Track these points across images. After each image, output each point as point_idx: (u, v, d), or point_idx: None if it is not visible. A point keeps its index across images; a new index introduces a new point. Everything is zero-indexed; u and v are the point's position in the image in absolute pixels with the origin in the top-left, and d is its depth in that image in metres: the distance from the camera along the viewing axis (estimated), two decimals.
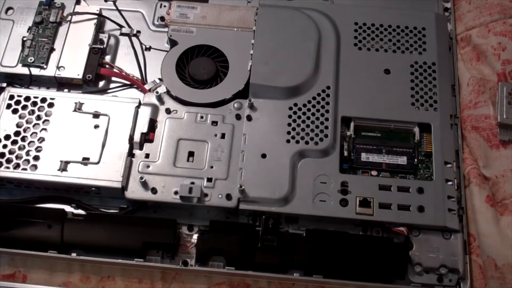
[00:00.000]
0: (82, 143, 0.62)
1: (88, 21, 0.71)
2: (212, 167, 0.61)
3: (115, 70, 0.70)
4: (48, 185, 0.61)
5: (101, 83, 0.70)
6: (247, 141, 0.62)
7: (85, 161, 0.61)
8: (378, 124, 0.64)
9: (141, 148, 0.62)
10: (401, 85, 0.65)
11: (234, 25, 0.70)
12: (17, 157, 0.61)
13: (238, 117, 0.64)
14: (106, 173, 0.60)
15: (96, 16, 0.71)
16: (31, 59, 0.68)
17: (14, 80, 0.68)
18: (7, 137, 0.62)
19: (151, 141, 0.62)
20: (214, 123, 0.63)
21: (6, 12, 0.71)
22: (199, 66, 0.67)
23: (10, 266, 0.60)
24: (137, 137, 0.62)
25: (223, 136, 0.62)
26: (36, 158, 0.61)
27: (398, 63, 0.67)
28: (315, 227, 0.60)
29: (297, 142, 0.62)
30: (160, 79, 0.68)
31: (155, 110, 0.64)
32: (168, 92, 0.66)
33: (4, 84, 0.67)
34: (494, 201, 0.62)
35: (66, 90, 0.68)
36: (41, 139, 0.62)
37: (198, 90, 0.66)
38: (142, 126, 0.63)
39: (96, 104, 0.64)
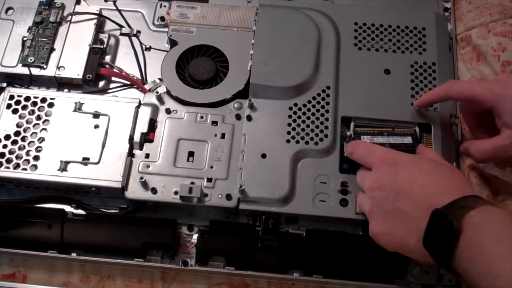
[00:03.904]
0: (82, 143, 0.62)
1: (88, 21, 0.71)
2: (212, 167, 0.61)
3: (115, 70, 0.70)
4: (48, 185, 0.61)
5: (101, 83, 0.70)
6: (247, 141, 0.62)
7: (85, 161, 0.61)
8: (378, 124, 0.64)
9: (141, 148, 0.62)
10: (401, 85, 0.65)
11: (234, 25, 0.70)
12: (17, 157, 0.61)
13: (238, 117, 0.64)
14: (106, 173, 0.60)
15: (96, 16, 0.71)
16: (31, 59, 0.68)
17: (14, 80, 0.68)
18: (7, 137, 0.62)
19: (151, 141, 0.62)
20: (214, 123, 0.63)
21: (6, 12, 0.71)
22: (199, 66, 0.67)
23: (10, 266, 0.60)
24: (137, 137, 0.62)
25: (223, 136, 0.62)
26: (36, 158, 0.61)
27: (398, 63, 0.67)
28: (315, 227, 0.60)
29: (297, 142, 0.62)
30: (160, 79, 0.68)
31: (155, 110, 0.64)
32: (168, 92, 0.66)
33: (4, 84, 0.67)
34: (494, 201, 0.62)
35: (66, 90, 0.68)
36: (41, 139, 0.62)
37: (198, 90, 0.66)
38: (142, 126, 0.63)
39: (96, 104, 0.64)
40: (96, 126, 0.63)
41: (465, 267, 0.44)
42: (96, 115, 0.63)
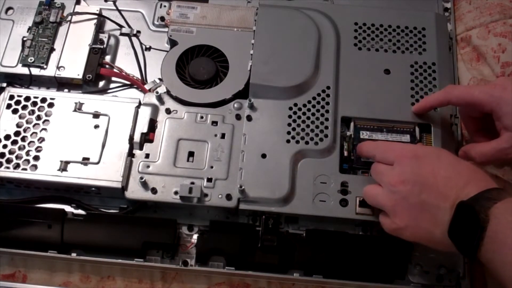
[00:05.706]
0: (82, 143, 0.62)
1: (88, 21, 0.71)
2: (212, 167, 0.61)
3: (115, 70, 0.70)
4: (48, 185, 0.61)
5: (101, 83, 0.70)
6: (247, 141, 0.62)
7: (85, 161, 0.61)
8: (378, 124, 0.64)
9: (141, 148, 0.62)
10: (401, 85, 0.65)
11: (234, 25, 0.70)
12: (17, 157, 0.61)
13: (238, 117, 0.64)
14: (106, 173, 0.60)
15: (96, 16, 0.71)
16: (31, 59, 0.68)
17: (14, 80, 0.68)
18: (7, 137, 0.62)
19: (151, 141, 0.62)
20: (214, 123, 0.63)
21: (6, 12, 0.71)
22: (199, 66, 0.67)
23: (10, 266, 0.60)
24: (137, 137, 0.62)
25: (223, 136, 0.62)
26: (36, 158, 0.61)
27: (398, 63, 0.67)
28: (315, 227, 0.60)
29: (297, 142, 0.62)
30: (160, 79, 0.68)
31: (155, 110, 0.64)
32: (168, 92, 0.66)
33: (4, 84, 0.67)
34: None
35: (66, 90, 0.68)
36: (41, 139, 0.62)
37: (198, 90, 0.66)
38: (142, 126, 0.63)
39: (96, 104, 0.64)
40: (96, 126, 0.63)
41: (489, 258, 0.44)
42: (96, 115, 0.63)
